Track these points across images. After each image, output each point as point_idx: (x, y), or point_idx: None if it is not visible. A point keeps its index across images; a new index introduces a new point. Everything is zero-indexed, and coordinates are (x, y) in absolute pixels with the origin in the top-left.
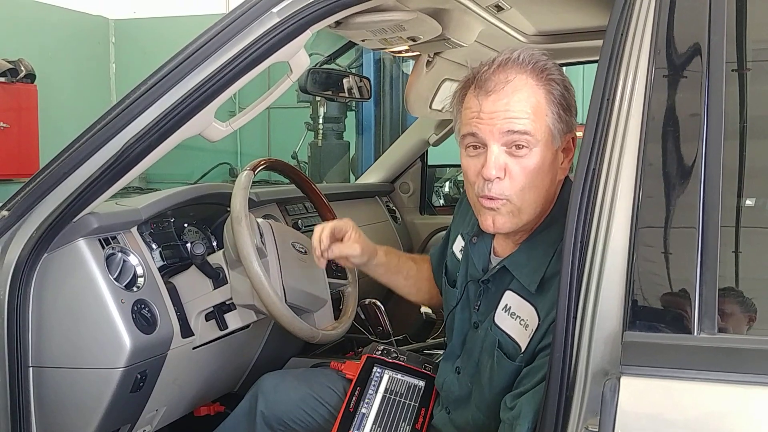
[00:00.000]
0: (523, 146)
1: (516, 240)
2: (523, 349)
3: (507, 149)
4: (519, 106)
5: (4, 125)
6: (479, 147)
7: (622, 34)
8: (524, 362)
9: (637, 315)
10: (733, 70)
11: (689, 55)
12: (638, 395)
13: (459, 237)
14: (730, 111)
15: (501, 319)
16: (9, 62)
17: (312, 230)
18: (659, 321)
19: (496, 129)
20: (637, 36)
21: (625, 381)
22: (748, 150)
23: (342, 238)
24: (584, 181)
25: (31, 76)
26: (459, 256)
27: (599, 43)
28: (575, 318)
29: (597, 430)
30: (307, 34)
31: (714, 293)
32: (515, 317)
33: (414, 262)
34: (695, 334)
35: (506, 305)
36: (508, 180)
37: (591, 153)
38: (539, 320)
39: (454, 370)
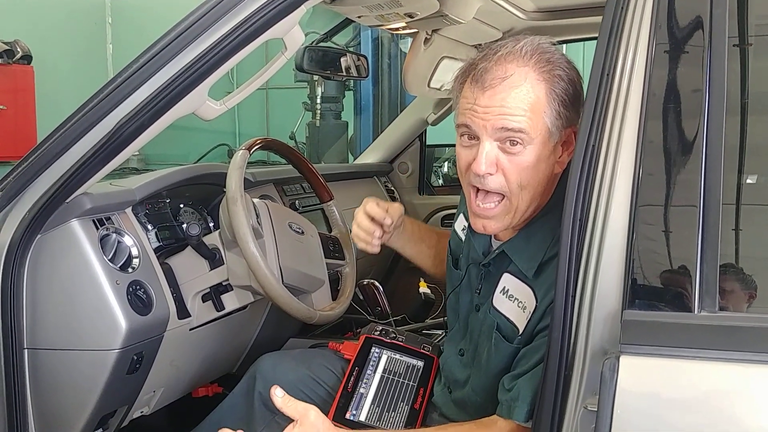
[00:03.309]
0: (517, 142)
1: (514, 226)
2: (521, 331)
3: (500, 144)
4: (515, 102)
5: (2, 107)
6: (473, 138)
7: (622, 8)
8: (522, 344)
9: (636, 293)
10: (734, 45)
11: (691, 29)
12: (638, 374)
13: (461, 216)
14: (732, 87)
15: (499, 301)
16: (5, 43)
17: (309, 210)
18: (659, 299)
19: (490, 125)
20: (637, 10)
21: (624, 360)
22: (750, 126)
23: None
24: (583, 158)
25: (27, 58)
26: (461, 235)
27: (600, 19)
28: (574, 297)
29: (596, 409)
30: (302, 10)
31: (715, 271)
32: (513, 299)
33: (435, 233)
34: (696, 312)
35: (504, 288)
36: (501, 175)
37: (590, 129)
38: (537, 302)
39: (458, 351)
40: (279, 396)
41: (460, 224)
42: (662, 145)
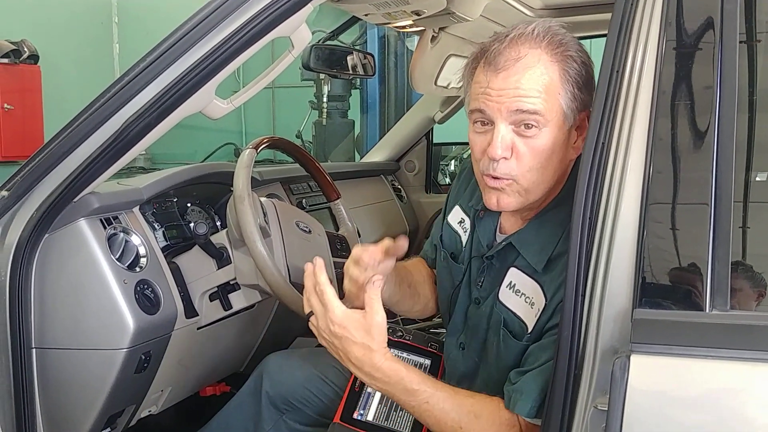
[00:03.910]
0: (532, 125)
1: (524, 217)
2: (530, 329)
3: (515, 128)
4: (530, 84)
5: (9, 107)
6: (487, 124)
7: (632, 5)
8: (531, 342)
9: (647, 292)
10: (741, 42)
11: (701, 25)
12: (649, 373)
13: (457, 208)
14: (744, 83)
15: (505, 296)
16: (12, 43)
17: (316, 208)
18: (670, 298)
19: (504, 107)
20: (647, 6)
21: (635, 359)
22: (761, 124)
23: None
24: (593, 156)
25: (34, 57)
26: (457, 228)
27: (609, 16)
28: (584, 295)
29: (606, 408)
30: (309, 8)
31: (726, 269)
32: (520, 294)
33: (404, 269)
34: (707, 311)
35: (510, 282)
36: (514, 160)
37: (600, 126)
38: (546, 300)
39: (458, 345)
40: (375, 284)
41: (455, 217)
42: (673, 143)
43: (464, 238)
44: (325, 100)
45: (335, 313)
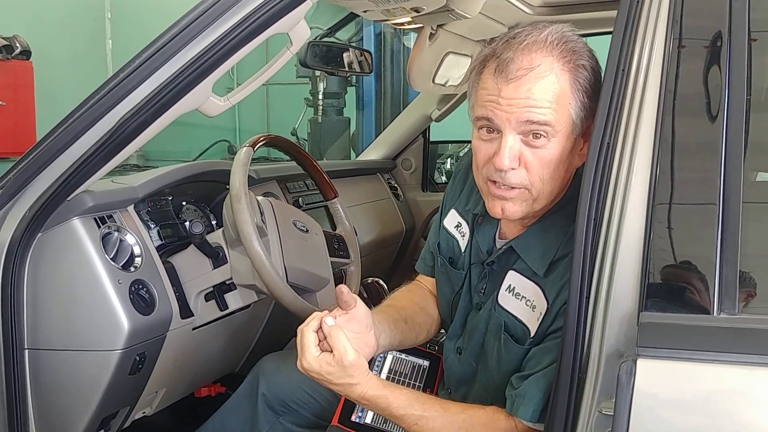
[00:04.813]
0: (541, 135)
1: (525, 222)
2: (533, 333)
3: (523, 138)
4: (541, 94)
5: (1, 103)
6: (493, 131)
7: (638, 1)
8: (534, 346)
9: (653, 295)
10: (749, 40)
11: (709, 23)
12: (656, 378)
13: (453, 211)
14: (753, 82)
15: (505, 300)
16: (4, 39)
17: (312, 207)
18: (677, 301)
19: (514, 117)
20: (654, 3)
21: (641, 363)
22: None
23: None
24: (598, 156)
25: (26, 53)
26: (453, 232)
27: (610, 14)
28: (588, 298)
29: (612, 413)
30: (308, 4)
31: (734, 272)
32: (520, 298)
33: (393, 308)
34: (715, 314)
35: (510, 285)
36: (523, 169)
37: (605, 126)
38: (548, 303)
39: (455, 350)
40: (329, 325)
41: (451, 221)
42: (680, 143)
43: (462, 243)
44: (320, 97)
45: (307, 359)
